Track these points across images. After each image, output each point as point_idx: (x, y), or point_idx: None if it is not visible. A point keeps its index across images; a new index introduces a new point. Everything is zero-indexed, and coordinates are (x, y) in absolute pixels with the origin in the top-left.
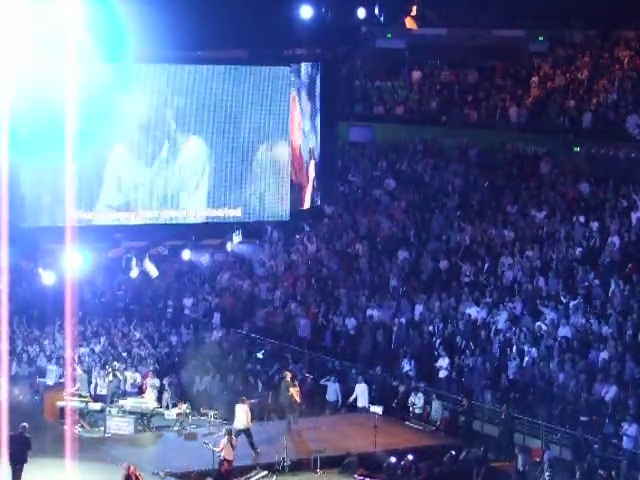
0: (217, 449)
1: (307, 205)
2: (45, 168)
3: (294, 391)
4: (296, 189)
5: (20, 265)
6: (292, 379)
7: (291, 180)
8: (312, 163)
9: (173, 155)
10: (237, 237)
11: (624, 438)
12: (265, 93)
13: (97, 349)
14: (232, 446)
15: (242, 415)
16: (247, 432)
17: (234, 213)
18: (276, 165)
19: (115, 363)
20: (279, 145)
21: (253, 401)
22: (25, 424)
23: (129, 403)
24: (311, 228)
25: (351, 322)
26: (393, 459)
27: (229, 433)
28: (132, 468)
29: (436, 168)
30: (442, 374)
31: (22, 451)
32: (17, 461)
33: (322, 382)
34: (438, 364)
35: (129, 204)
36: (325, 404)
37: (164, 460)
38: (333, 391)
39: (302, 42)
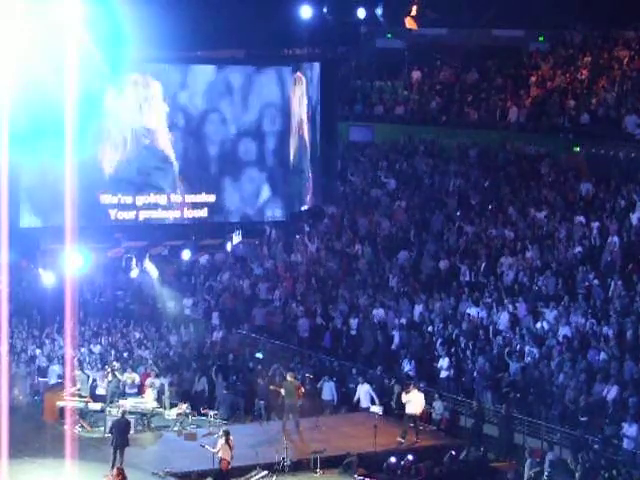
0: (214, 450)
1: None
2: (45, 167)
3: (300, 393)
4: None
5: (20, 265)
6: (295, 378)
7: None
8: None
9: None
10: (237, 237)
11: (624, 438)
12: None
13: (97, 349)
14: (229, 446)
15: (414, 400)
16: (417, 418)
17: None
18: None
19: (114, 363)
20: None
21: None
22: (125, 408)
23: (129, 403)
24: (311, 228)
25: (352, 322)
26: (393, 459)
27: (226, 433)
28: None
29: (436, 168)
30: (442, 374)
31: (124, 435)
32: (119, 445)
33: (318, 385)
34: (438, 364)
35: None
36: (323, 404)
37: (164, 460)
38: (328, 390)
39: (302, 42)
